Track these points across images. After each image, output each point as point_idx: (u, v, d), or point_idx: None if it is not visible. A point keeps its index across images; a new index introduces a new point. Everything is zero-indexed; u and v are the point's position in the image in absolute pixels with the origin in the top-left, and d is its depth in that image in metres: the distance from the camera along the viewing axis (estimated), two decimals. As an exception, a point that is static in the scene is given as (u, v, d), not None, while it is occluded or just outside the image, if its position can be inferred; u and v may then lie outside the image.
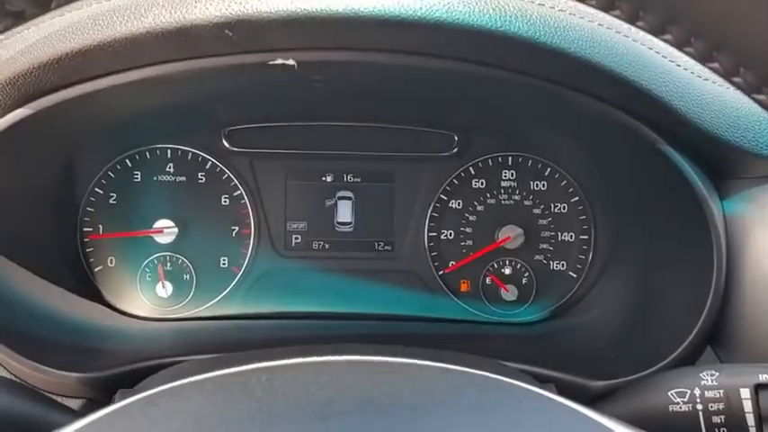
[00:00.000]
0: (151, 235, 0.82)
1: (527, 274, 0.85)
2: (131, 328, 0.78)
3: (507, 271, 0.85)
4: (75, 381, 0.60)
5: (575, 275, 0.85)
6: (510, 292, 0.85)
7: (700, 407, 0.46)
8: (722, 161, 0.61)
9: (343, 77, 0.63)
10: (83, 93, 0.60)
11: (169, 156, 0.83)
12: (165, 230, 0.82)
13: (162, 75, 0.58)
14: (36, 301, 0.68)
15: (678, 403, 0.47)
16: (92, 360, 0.64)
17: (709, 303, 0.62)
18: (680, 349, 0.63)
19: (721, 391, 0.46)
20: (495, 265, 0.85)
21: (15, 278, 0.67)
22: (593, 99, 0.59)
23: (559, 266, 0.86)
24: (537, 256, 0.86)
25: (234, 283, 0.84)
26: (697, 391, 0.46)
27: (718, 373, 0.47)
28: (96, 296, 0.80)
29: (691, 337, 0.63)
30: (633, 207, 0.78)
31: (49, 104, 0.60)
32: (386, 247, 0.86)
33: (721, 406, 0.45)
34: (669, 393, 0.47)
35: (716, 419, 0.45)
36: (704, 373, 0.47)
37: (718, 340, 0.64)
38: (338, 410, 0.31)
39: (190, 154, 0.84)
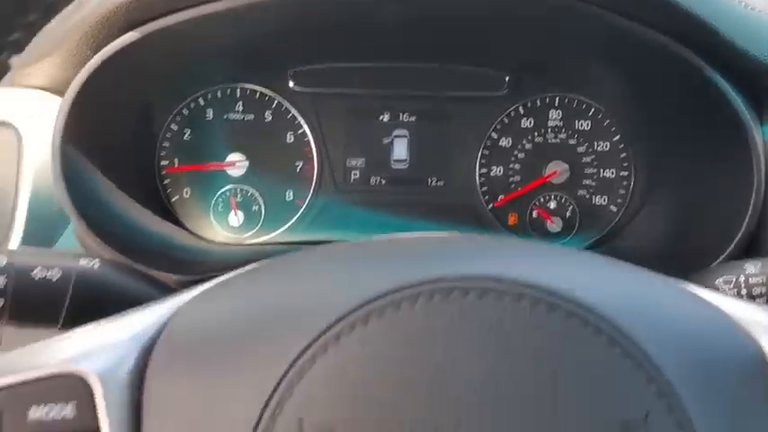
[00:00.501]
0: (223, 168, 0.89)
1: (571, 207, 0.91)
2: (210, 250, 0.85)
3: (552, 205, 0.91)
4: (174, 282, 0.68)
5: (615, 209, 0.91)
6: (555, 224, 0.91)
7: (744, 291, 0.52)
8: (765, 88, 0.66)
9: (410, 6, 0.68)
10: (167, 25, 0.66)
11: (238, 95, 0.90)
12: (237, 164, 0.89)
13: (243, 4, 0.64)
14: (128, 215, 0.75)
15: (724, 290, 0.52)
16: (184, 266, 0.71)
17: (746, 223, 0.68)
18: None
19: (764, 277, 0.51)
20: (542, 199, 0.91)
21: (112, 197, 0.74)
22: (642, 26, 0.64)
23: (601, 201, 0.92)
24: (580, 191, 0.91)
25: (298, 215, 0.91)
26: (742, 278, 0.52)
27: (761, 264, 0.53)
28: (176, 223, 0.88)
29: (726, 254, 0.69)
30: (675, 139, 0.83)
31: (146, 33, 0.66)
32: (438, 183, 0.92)
33: (764, 290, 0.51)
34: (716, 282, 0.53)
35: (759, 302, 0.51)
36: (748, 264, 0.53)
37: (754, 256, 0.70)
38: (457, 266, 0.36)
39: (258, 93, 0.90)
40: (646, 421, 0.33)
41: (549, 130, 0.92)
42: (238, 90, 0.90)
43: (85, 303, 0.52)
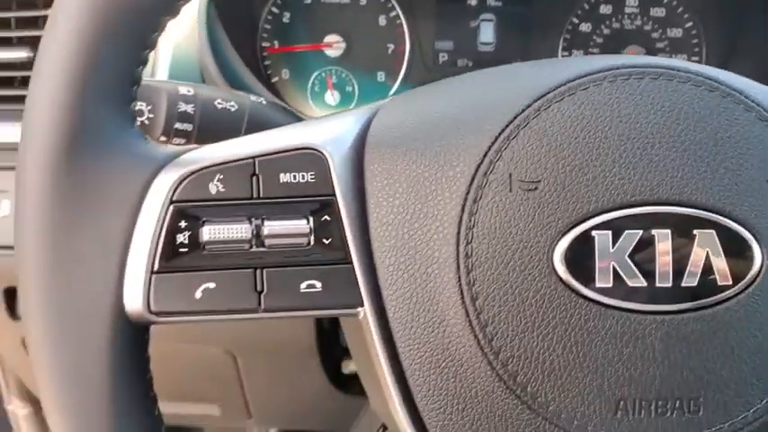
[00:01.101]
0: (321, 49, 0.96)
1: (645, 90, 0.98)
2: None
3: (628, 87, 0.98)
4: None
5: (686, 93, 0.97)
6: (630, 105, 0.98)
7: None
8: None
9: None
10: None
11: (335, -21, 0.96)
12: (335, 45, 0.95)
13: None
14: (247, 80, 0.83)
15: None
16: None
17: None
18: None
19: None
20: (618, 82, 0.98)
21: (236, 62, 0.81)
22: None
23: (673, 85, 0.98)
24: (654, 75, 0.98)
25: (389, 94, 0.97)
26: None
27: None
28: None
29: None
30: (749, 26, 0.89)
31: None
32: (522, 65, 0.98)
33: None
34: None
35: None
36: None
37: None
38: None
39: (353, -23, 0.96)
40: None
41: (626, 16, 0.97)
42: (335, -26, 0.95)
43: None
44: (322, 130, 0.44)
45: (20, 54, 0.76)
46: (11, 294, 0.89)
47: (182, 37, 0.76)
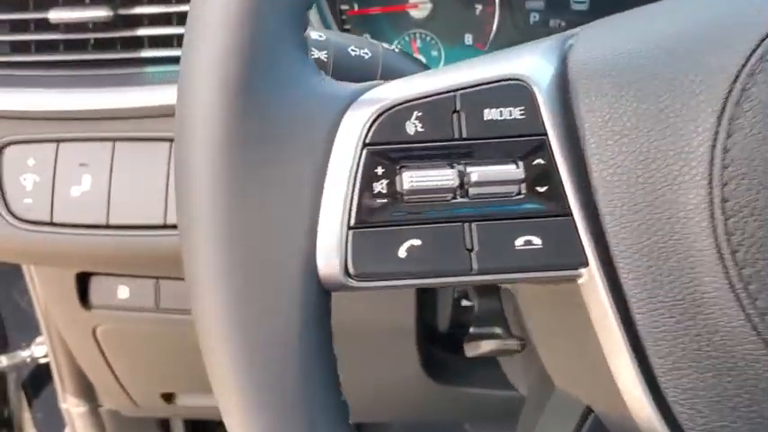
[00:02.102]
0: (406, 9, 0.89)
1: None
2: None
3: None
4: None
5: None
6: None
7: None
8: None
9: None
10: None
11: (419, -64, 0.89)
12: (420, 5, 0.89)
13: None
14: None
15: None
16: None
17: None
18: None
19: None
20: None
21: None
22: None
23: None
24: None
25: (478, 58, 0.91)
26: None
27: None
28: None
29: None
30: None
31: None
32: (619, 24, 0.91)
33: None
34: None
35: None
36: None
37: None
38: None
39: (439, -67, 0.89)
40: None
41: None
42: (419, -70, 0.89)
43: (392, 83, 0.53)
44: (526, 59, 0.38)
45: (98, 13, 0.69)
46: (83, 280, 0.83)
47: None
